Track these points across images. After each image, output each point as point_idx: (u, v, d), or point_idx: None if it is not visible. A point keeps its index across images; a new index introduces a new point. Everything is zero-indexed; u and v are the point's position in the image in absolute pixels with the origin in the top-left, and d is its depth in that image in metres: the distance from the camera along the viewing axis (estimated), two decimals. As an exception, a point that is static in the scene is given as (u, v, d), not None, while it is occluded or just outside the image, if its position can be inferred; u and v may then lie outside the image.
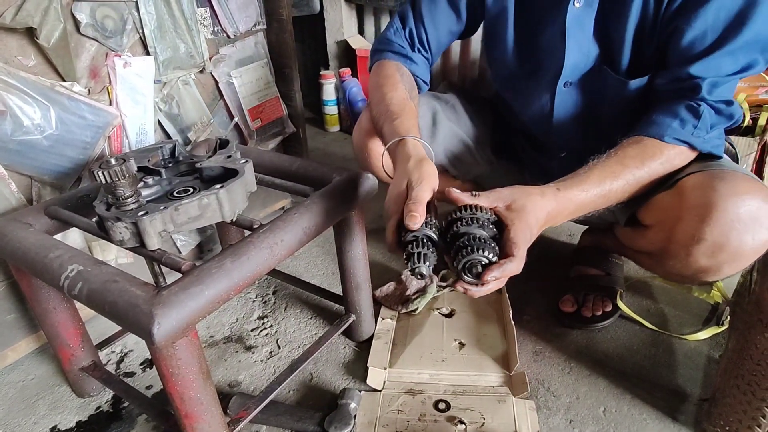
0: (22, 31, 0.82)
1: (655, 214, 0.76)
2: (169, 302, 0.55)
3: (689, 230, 0.67)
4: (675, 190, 0.71)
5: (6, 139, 0.83)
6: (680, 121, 0.70)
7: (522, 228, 0.60)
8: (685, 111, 0.70)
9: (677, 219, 0.69)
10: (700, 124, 0.70)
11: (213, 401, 0.66)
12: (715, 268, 0.68)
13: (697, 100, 0.70)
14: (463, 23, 0.92)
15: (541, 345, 0.96)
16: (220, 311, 1.08)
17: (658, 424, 0.79)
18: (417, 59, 0.91)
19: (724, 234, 0.64)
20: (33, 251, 0.67)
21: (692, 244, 0.67)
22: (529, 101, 0.93)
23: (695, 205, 0.67)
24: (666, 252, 0.73)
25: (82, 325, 0.84)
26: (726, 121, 0.72)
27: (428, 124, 0.99)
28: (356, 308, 0.94)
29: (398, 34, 0.92)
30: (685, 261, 0.70)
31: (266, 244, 0.66)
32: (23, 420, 0.85)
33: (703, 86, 0.69)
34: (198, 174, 0.75)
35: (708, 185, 0.67)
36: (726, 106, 0.71)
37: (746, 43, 0.67)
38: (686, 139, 0.70)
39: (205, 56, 1.12)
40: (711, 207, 0.65)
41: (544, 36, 0.84)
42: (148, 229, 0.62)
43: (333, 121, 2.18)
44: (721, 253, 0.66)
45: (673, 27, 0.71)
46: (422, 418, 0.80)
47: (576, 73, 0.84)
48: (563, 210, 0.66)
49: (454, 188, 0.63)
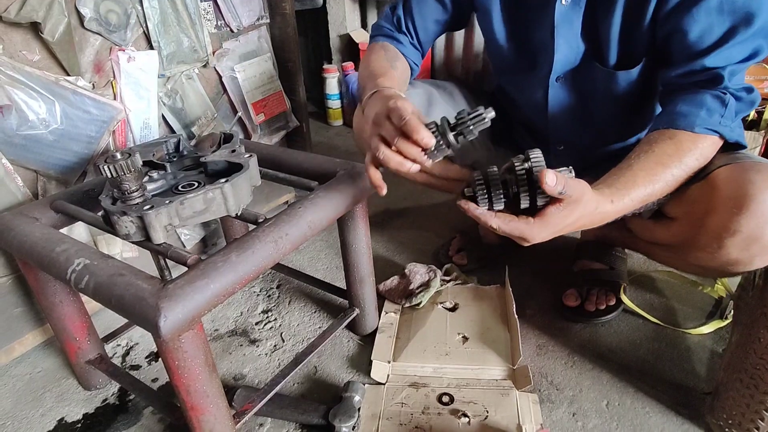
0: (26, 26, 0.82)
1: (683, 206, 0.75)
2: (175, 295, 0.55)
3: (723, 222, 0.66)
4: (706, 182, 0.70)
5: (11, 133, 0.84)
6: (707, 111, 0.70)
7: (563, 214, 0.58)
8: (711, 100, 0.70)
9: (709, 211, 0.68)
10: (726, 112, 0.69)
11: (218, 394, 0.66)
12: (747, 261, 0.67)
13: (722, 89, 0.70)
14: (449, 13, 0.95)
15: (545, 339, 0.96)
16: (225, 305, 1.09)
17: (661, 418, 0.79)
18: (402, 40, 0.96)
19: (759, 226, 0.63)
20: (40, 245, 0.67)
21: (726, 236, 0.66)
22: (526, 95, 0.95)
23: (730, 197, 0.66)
24: (693, 244, 0.72)
25: (88, 319, 0.85)
26: (748, 107, 0.71)
27: (423, 105, 1.00)
28: (360, 302, 0.95)
29: (387, 20, 0.97)
30: (716, 253, 0.69)
31: (271, 238, 0.66)
32: (30, 412, 0.86)
33: (725, 75, 0.69)
34: (202, 168, 0.75)
35: (743, 177, 0.66)
36: (747, 93, 0.70)
37: (756, 32, 0.67)
38: (716, 128, 0.70)
39: (208, 50, 1.12)
40: (747, 198, 0.64)
41: (536, 33, 0.86)
42: (153, 223, 0.62)
43: (336, 115, 2.18)
44: (755, 245, 0.65)
45: (673, 24, 0.71)
46: (426, 411, 0.80)
47: (566, 68, 0.85)
48: (606, 218, 0.65)
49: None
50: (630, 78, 0.81)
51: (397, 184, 1.55)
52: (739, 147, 0.74)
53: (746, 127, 1.18)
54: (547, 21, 0.82)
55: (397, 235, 1.33)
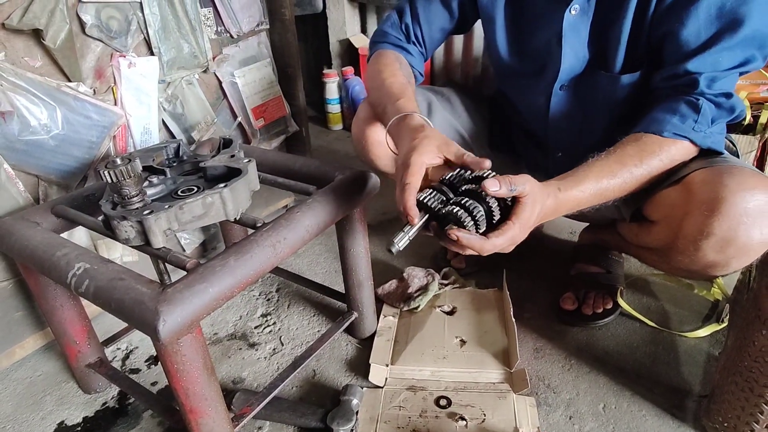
0: (28, 33, 0.83)
1: (661, 210, 0.76)
2: (174, 299, 0.56)
3: (698, 225, 0.67)
4: (682, 185, 0.71)
5: (13, 139, 0.84)
6: (680, 117, 0.70)
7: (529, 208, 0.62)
8: (684, 106, 0.70)
9: (685, 214, 0.69)
10: (700, 118, 0.70)
11: (217, 397, 0.67)
12: (724, 263, 0.68)
13: (696, 94, 0.70)
14: (455, 22, 0.96)
15: (542, 342, 0.96)
16: (224, 309, 1.10)
17: (658, 421, 0.80)
18: (413, 51, 0.95)
19: (732, 228, 0.64)
20: (40, 249, 0.68)
21: (701, 239, 0.67)
22: (527, 100, 0.95)
23: (704, 200, 0.67)
24: (673, 247, 0.73)
25: (88, 323, 0.86)
26: (727, 114, 0.72)
27: (423, 113, 1.00)
28: (358, 306, 0.95)
29: (395, 28, 0.95)
30: (694, 256, 0.70)
31: (269, 242, 0.67)
32: (31, 415, 0.87)
33: (700, 80, 0.69)
34: (202, 173, 0.76)
35: (716, 180, 0.66)
36: (726, 99, 0.70)
37: (743, 40, 0.67)
38: (686, 134, 0.70)
39: (208, 56, 1.13)
40: (720, 201, 0.65)
41: (540, 40, 0.86)
42: (153, 228, 0.63)
43: (336, 119, 2.19)
44: (730, 248, 0.66)
45: (666, 27, 0.72)
46: (423, 414, 0.81)
47: (571, 76, 0.85)
48: (560, 208, 0.68)
49: (471, 154, 0.67)
50: (632, 81, 0.81)
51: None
52: (718, 153, 0.74)
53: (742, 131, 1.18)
54: (553, 29, 0.82)
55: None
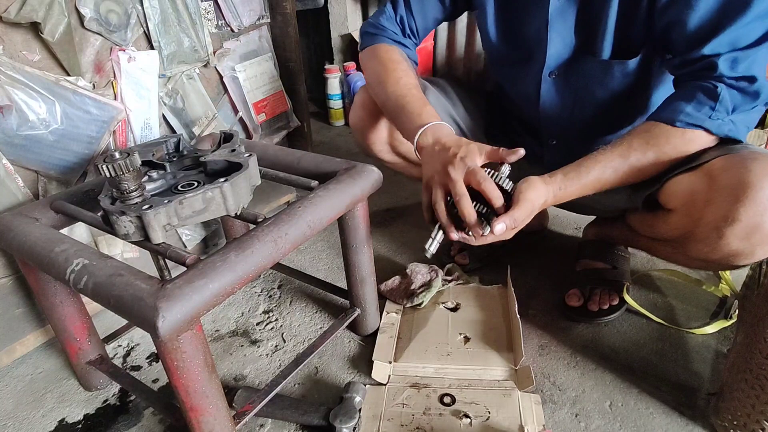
0: (26, 26, 0.82)
1: (679, 197, 0.73)
2: (174, 296, 0.55)
3: (722, 211, 0.65)
4: (702, 171, 0.69)
5: (12, 134, 0.84)
6: (696, 104, 0.68)
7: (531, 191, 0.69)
8: (701, 93, 0.68)
9: (707, 201, 0.67)
10: (718, 106, 0.67)
11: (218, 394, 0.66)
12: (749, 251, 0.66)
13: (714, 79, 0.67)
14: (448, 11, 0.97)
15: (547, 339, 0.95)
16: (226, 305, 1.09)
17: (665, 419, 0.78)
18: (408, 44, 0.96)
19: (759, 214, 0.62)
20: (39, 245, 0.67)
21: (725, 226, 0.65)
22: (518, 88, 0.96)
23: (728, 186, 0.64)
24: (692, 236, 0.71)
25: (88, 319, 0.85)
26: (751, 100, 0.67)
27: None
28: (361, 302, 0.94)
29: (390, 21, 0.95)
30: (716, 244, 0.67)
31: (270, 237, 0.66)
32: (31, 413, 0.86)
33: (719, 63, 0.66)
34: (202, 168, 0.75)
35: (741, 165, 0.64)
36: (749, 83, 0.66)
37: (759, 14, 0.64)
38: (701, 123, 0.68)
39: (209, 50, 1.11)
40: (746, 186, 0.62)
41: (530, 27, 0.86)
42: (152, 223, 0.62)
43: (338, 115, 2.18)
44: (756, 235, 0.63)
45: (672, 16, 0.70)
46: (427, 411, 0.80)
47: (559, 62, 0.85)
48: (558, 201, 0.74)
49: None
50: (625, 69, 0.80)
51: (399, 185, 1.56)
52: (737, 142, 0.72)
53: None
54: (540, 15, 0.82)
55: (398, 235, 1.32)
